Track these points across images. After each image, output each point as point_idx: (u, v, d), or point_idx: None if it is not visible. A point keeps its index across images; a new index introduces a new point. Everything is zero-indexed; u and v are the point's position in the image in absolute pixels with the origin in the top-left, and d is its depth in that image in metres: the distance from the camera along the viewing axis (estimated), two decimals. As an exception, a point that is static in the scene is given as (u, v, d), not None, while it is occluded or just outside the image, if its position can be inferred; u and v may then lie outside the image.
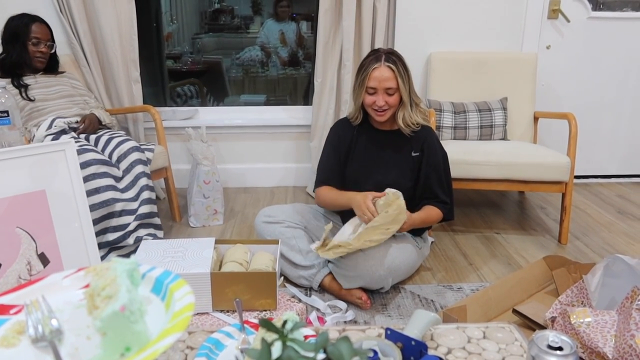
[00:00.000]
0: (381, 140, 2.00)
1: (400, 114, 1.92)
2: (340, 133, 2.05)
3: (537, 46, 3.09)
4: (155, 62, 3.68)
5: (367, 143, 2.01)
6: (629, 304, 1.38)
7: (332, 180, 2.03)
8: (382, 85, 1.86)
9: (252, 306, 1.49)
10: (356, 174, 2.00)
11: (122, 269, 0.60)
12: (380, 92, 1.86)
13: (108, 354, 0.55)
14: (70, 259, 1.75)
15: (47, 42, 2.44)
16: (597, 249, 2.39)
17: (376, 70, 1.86)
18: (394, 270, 1.86)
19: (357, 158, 2.01)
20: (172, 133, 3.08)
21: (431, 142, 1.99)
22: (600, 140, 3.38)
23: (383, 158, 1.99)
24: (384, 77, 1.85)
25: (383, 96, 1.87)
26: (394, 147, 1.99)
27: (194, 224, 2.64)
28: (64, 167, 1.74)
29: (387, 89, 1.86)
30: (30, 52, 2.39)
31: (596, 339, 1.39)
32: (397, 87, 1.87)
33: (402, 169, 1.98)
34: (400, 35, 2.99)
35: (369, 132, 2.02)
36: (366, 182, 1.97)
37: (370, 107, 1.91)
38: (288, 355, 0.53)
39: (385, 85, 1.86)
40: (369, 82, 1.87)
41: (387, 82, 1.85)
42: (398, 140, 1.99)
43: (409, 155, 1.98)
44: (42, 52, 2.42)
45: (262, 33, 3.98)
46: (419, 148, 1.98)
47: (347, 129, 2.04)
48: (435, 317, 0.99)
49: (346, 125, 2.05)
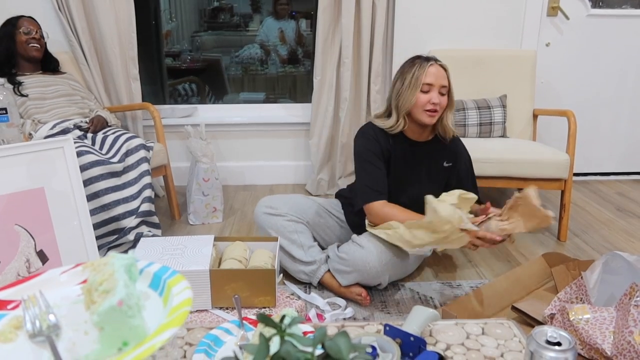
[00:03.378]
0: (417, 152, 1.92)
1: (447, 116, 1.86)
2: (380, 141, 1.89)
3: (536, 43, 3.09)
4: (154, 60, 3.68)
5: (402, 156, 1.91)
6: (627, 300, 1.38)
7: (385, 193, 1.87)
8: (439, 82, 1.79)
9: (251, 303, 1.49)
10: (390, 188, 1.91)
11: (119, 264, 0.60)
12: (436, 88, 1.80)
13: (105, 349, 0.55)
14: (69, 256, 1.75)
15: (38, 31, 2.45)
16: (596, 246, 2.39)
17: (432, 67, 1.80)
18: (391, 266, 1.84)
19: (393, 171, 1.92)
20: (171, 131, 3.08)
21: (461, 151, 1.98)
22: (599, 137, 3.38)
23: (419, 172, 1.93)
24: (440, 74, 1.80)
25: (438, 96, 1.80)
26: (429, 159, 1.93)
27: (193, 222, 2.64)
28: (62, 165, 1.74)
29: (442, 86, 1.80)
30: (23, 42, 2.39)
31: (595, 335, 1.39)
32: (449, 88, 1.83)
33: (436, 182, 1.95)
34: (399, 33, 2.98)
35: (404, 144, 1.91)
36: (400, 196, 1.91)
37: (423, 107, 1.80)
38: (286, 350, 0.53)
39: (442, 82, 1.80)
40: (425, 78, 1.78)
41: (443, 79, 1.81)
42: (432, 152, 1.93)
43: (442, 167, 1.95)
44: (34, 38, 2.42)
45: (262, 31, 3.98)
46: (451, 158, 1.95)
47: (384, 138, 1.89)
48: (434, 313, 0.99)
49: (381, 134, 1.90)
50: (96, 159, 2.10)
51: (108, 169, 2.13)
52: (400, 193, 1.92)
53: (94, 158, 2.10)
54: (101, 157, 2.14)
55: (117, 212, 2.12)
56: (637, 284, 1.39)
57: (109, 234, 2.12)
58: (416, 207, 1.81)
